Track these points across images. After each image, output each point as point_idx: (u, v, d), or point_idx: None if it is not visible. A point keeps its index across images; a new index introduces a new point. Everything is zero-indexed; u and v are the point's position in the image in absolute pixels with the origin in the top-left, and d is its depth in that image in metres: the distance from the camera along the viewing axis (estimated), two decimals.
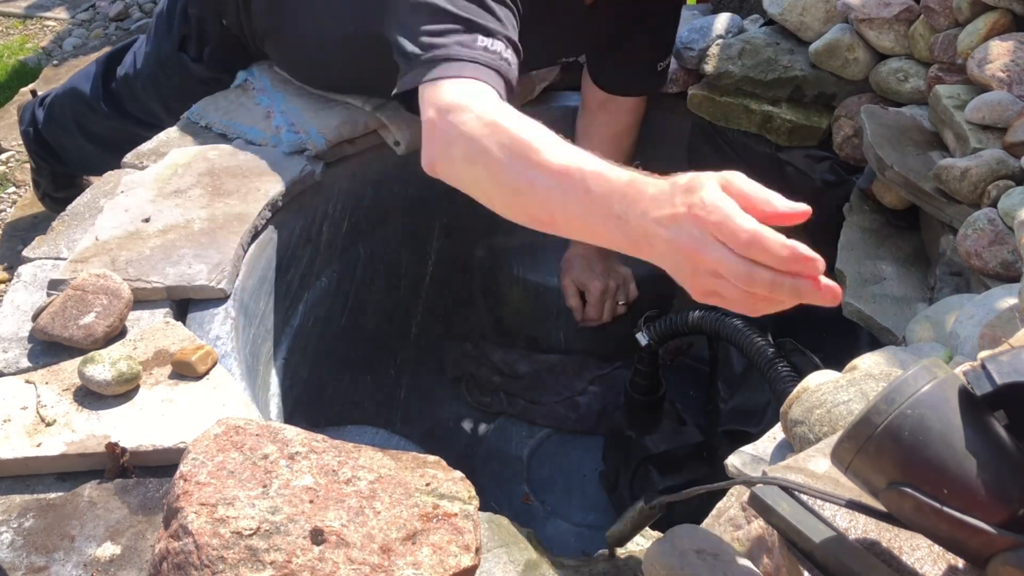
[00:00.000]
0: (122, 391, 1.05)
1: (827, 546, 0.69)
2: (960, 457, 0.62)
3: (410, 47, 1.19)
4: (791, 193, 0.86)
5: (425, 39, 1.18)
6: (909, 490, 0.62)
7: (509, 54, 1.19)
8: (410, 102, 1.23)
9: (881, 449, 0.63)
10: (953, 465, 0.62)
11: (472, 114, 1.08)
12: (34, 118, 2.10)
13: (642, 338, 1.53)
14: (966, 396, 0.64)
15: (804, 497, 0.73)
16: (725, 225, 0.82)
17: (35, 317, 1.14)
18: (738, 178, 0.86)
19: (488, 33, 1.18)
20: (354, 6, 1.47)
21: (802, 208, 0.85)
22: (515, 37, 1.22)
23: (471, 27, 1.18)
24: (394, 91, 1.23)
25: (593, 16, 1.50)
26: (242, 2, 1.64)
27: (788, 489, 0.73)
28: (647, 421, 1.62)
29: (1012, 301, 1.06)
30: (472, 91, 1.13)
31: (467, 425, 1.85)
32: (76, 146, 2.04)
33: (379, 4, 1.32)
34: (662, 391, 1.63)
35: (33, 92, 2.24)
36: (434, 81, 1.15)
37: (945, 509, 0.61)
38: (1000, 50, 1.36)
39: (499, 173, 1.05)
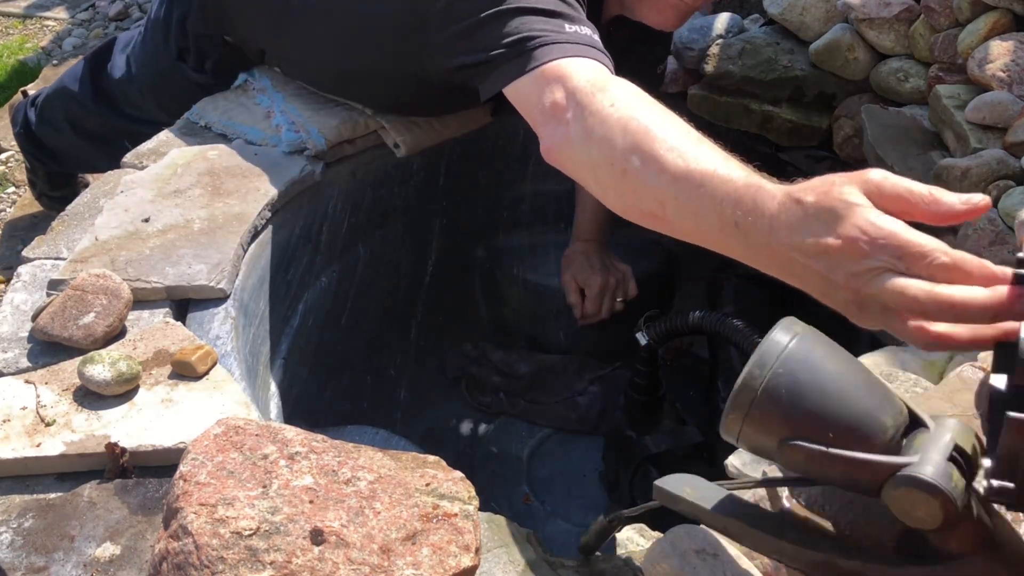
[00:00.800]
0: (122, 391, 1.05)
1: (732, 515, 0.72)
2: (835, 401, 0.66)
3: (500, 45, 1.15)
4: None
5: (513, 37, 1.14)
6: (799, 443, 0.66)
7: (597, 38, 1.15)
8: (499, 101, 1.19)
9: (764, 412, 0.67)
10: (830, 410, 0.65)
11: (605, 103, 1.01)
12: (26, 119, 2.11)
13: (642, 338, 1.54)
14: (826, 344, 0.69)
15: (707, 482, 0.76)
16: (909, 252, 0.70)
17: (35, 317, 1.14)
18: (888, 182, 0.73)
19: (572, 21, 1.16)
20: (373, 42, 1.47)
21: (981, 200, 0.71)
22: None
23: (554, 15, 1.16)
24: (489, 90, 1.19)
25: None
26: (247, 24, 1.64)
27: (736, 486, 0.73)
28: (647, 421, 1.62)
29: None
30: (596, 69, 1.08)
31: (467, 425, 1.85)
32: (70, 144, 2.04)
33: (417, 42, 1.33)
34: (662, 391, 1.63)
35: (24, 92, 2.24)
36: (551, 63, 1.09)
37: (833, 451, 0.65)
38: (1000, 50, 1.36)
39: (624, 182, 0.97)
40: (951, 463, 0.64)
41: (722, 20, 1.83)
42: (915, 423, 0.68)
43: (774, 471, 0.84)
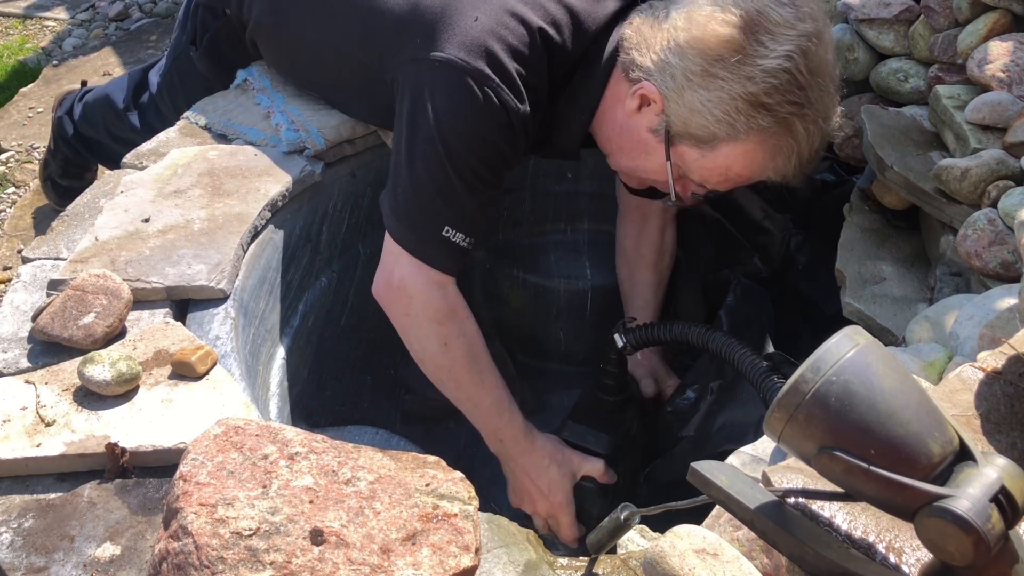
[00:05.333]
0: (122, 391, 1.05)
1: (763, 512, 0.71)
2: (884, 418, 0.65)
3: (400, 196, 1.36)
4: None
5: (416, 202, 1.35)
6: (839, 453, 0.65)
7: (465, 242, 1.37)
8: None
9: (810, 416, 0.66)
10: (878, 426, 0.65)
11: (425, 320, 1.37)
12: (72, 109, 2.21)
13: (619, 340, 1.53)
14: (887, 359, 0.67)
15: (743, 473, 0.75)
16: (565, 526, 1.47)
17: (35, 317, 1.14)
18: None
19: (457, 226, 1.35)
20: (348, 32, 1.49)
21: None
22: (480, 232, 1.39)
23: (445, 217, 1.34)
24: (381, 201, 1.41)
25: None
26: None
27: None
28: (584, 412, 1.60)
29: (1012, 301, 1.06)
30: (431, 289, 1.36)
31: (467, 425, 1.85)
32: (105, 145, 2.14)
33: (379, 52, 1.41)
34: (627, 393, 1.62)
35: (83, 83, 2.34)
36: (408, 253, 1.35)
37: (873, 469, 0.64)
38: (1000, 50, 1.36)
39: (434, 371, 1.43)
40: (993, 504, 0.62)
41: None
42: (965, 455, 0.66)
43: (775, 472, 0.84)
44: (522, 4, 1.34)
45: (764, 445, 0.98)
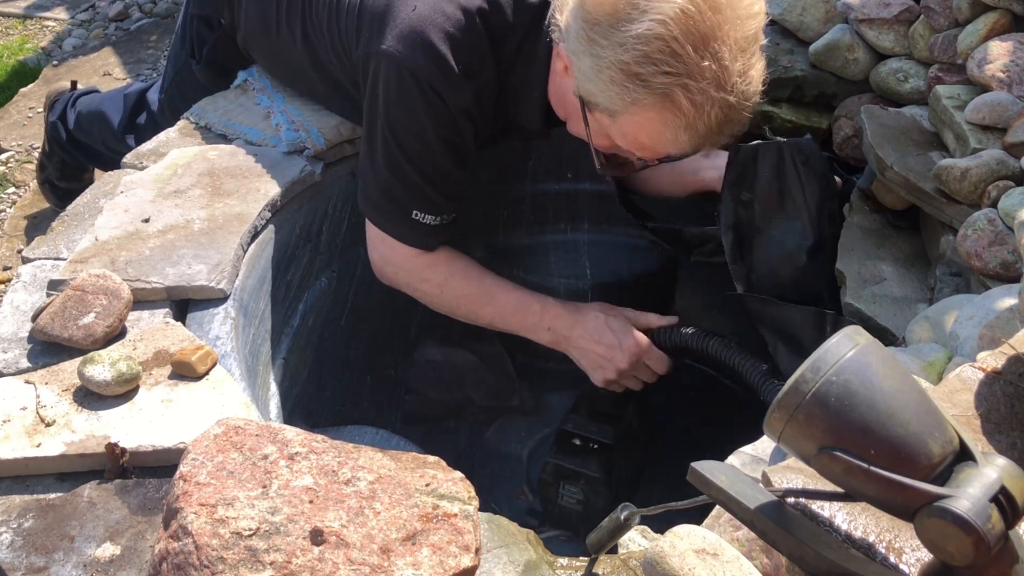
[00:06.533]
0: (122, 391, 1.05)
1: (763, 512, 0.71)
2: (884, 418, 0.65)
3: (369, 185, 1.43)
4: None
5: (381, 192, 1.41)
6: (839, 453, 0.65)
7: (437, 221, 1.43)
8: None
9: (810, 416, 0.66)
10: (878, 426, 0.65)
11: (408, 278, 1.48)
12: (65, 115, 2.20)
13: None
14: (887, 359, 0.67)
15: (743, 473, 0.75)
16: (656, 359, 1.47)
17: (35, 317, 1.14)
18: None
19: (424, 210, 1.41)
20: (321, 37, 1.51)
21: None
22: (452, 210, 1.45)
23: (411, 203, 1.40)
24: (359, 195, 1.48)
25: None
26: (235, 3, 1.65)
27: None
28: (586, 407, 1.60)
29: (1012, 301, 1.06)
30: (408, 256, 1.45)
31: (467, 425, 1.85)
32: (101, 153, 2.15)
33: (348, 55, 1.45)
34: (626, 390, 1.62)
35: (73, 84, 2.31)
36: (382, 231, 1.44)
37: (873, 469, 0.64)
38: (1000, 50, 1.36)
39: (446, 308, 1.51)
40: (993, 504, 0.62)
41: None
42: (965, 455, 0.66)
43: (775, 472, 0.85)
44: None
45: (764, 445, 0.98)
